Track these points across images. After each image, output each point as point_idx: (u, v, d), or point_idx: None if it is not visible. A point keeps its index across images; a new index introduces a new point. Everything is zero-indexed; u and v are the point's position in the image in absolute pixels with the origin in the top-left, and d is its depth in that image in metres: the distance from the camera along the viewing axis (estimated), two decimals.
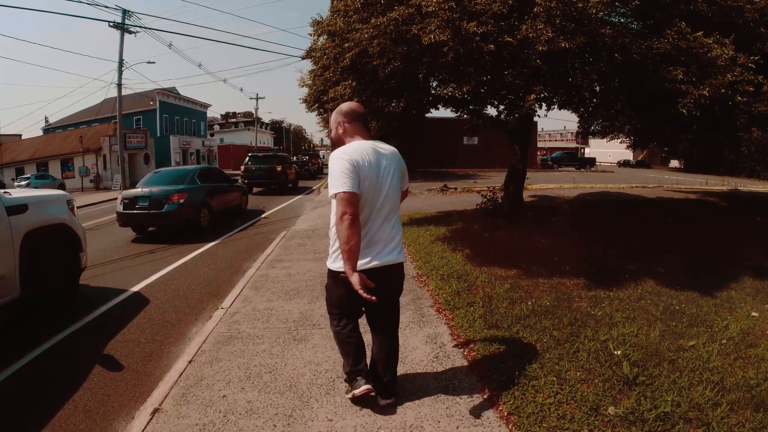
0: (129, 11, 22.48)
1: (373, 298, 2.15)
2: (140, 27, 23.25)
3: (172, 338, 3.97)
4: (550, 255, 5.58)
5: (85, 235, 5.31)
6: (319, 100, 7.36)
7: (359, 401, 2.52)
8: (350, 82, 5.87)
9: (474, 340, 3.28)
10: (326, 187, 3.08)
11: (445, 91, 4.95)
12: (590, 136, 9.72)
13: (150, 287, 5.52)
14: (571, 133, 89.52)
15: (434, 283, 4.63)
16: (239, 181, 14.81)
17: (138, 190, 8.73)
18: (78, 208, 18.31)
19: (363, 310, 2.53)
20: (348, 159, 2.21)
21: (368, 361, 2.58)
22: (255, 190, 18.08)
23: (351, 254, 2.13)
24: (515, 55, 4.40)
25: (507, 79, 4.63)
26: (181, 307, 4.74)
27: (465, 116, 6.71)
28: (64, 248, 4.87)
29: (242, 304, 4.38)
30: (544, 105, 6.52)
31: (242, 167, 18.45)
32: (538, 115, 6.69)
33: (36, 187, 26.34)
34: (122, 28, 22.79)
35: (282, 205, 13.82)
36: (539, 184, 18.06)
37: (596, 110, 5.94)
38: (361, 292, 2.13)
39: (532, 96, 4.48)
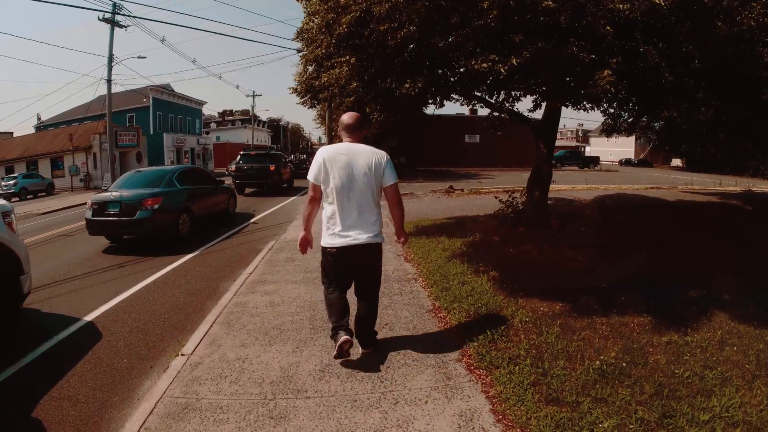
0: (119, 3, 21.40)
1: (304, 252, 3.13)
2: (131, 16, 22.05)
3: (117, 396, 3.08)
4: (596, 278, 4.57)
5: (28, 255, 4.47)
6: (311, 88, 6.07)
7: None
8: (348, 57, 4.51)
9: (528, 425, 2.27)
10: None
11: (484, 65, 3.73)
12: (616, 134, 8.69)
13: (107, 315, 4.63)
14: (571, 131, 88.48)
15: (458, 323, 3.59)
16: (228, 181, 13.81)
17: (108, 194, 7.67)
18: (63, 209, 17.07)
19: (354, 283, 3.11)
20: (318, 157, 2.90)
21: (352, 318, 3.10)
22: (247, 190, 17.01)
23: (304, 220, 3.06)
24: (576, 19, 3.27)
25: (571, 49, 3.38)
26: (136, 348, 3.80)
27: (495, 113, 5.31)
28: None
29: (208, 350, 3.37)
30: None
31: (233, 166, 17.42)
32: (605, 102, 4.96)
33: (24, 186, 25.42)
34: (112, 21, 21.69)
35: (274, 208, 12.83)
36: (551, 185, 17.12)
37: (665, 98, 4.70)
38: (299, 247, 3.09)
39: (606, 72, 3.32)
